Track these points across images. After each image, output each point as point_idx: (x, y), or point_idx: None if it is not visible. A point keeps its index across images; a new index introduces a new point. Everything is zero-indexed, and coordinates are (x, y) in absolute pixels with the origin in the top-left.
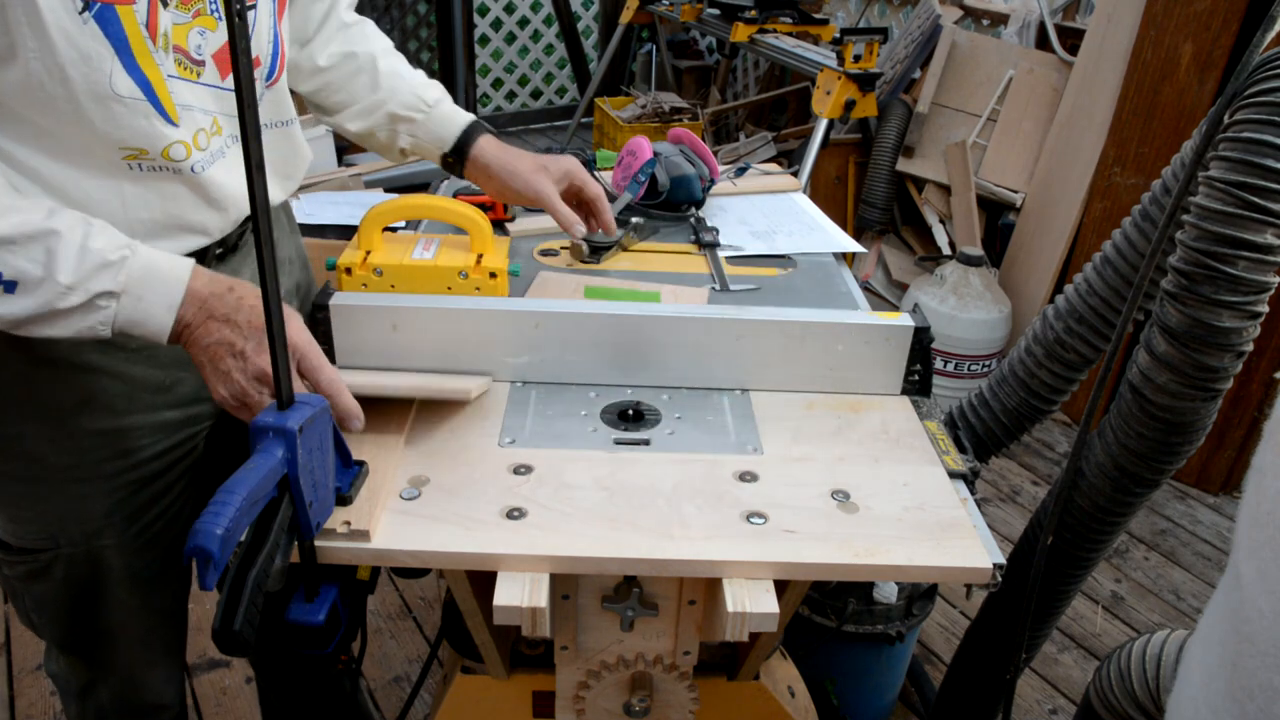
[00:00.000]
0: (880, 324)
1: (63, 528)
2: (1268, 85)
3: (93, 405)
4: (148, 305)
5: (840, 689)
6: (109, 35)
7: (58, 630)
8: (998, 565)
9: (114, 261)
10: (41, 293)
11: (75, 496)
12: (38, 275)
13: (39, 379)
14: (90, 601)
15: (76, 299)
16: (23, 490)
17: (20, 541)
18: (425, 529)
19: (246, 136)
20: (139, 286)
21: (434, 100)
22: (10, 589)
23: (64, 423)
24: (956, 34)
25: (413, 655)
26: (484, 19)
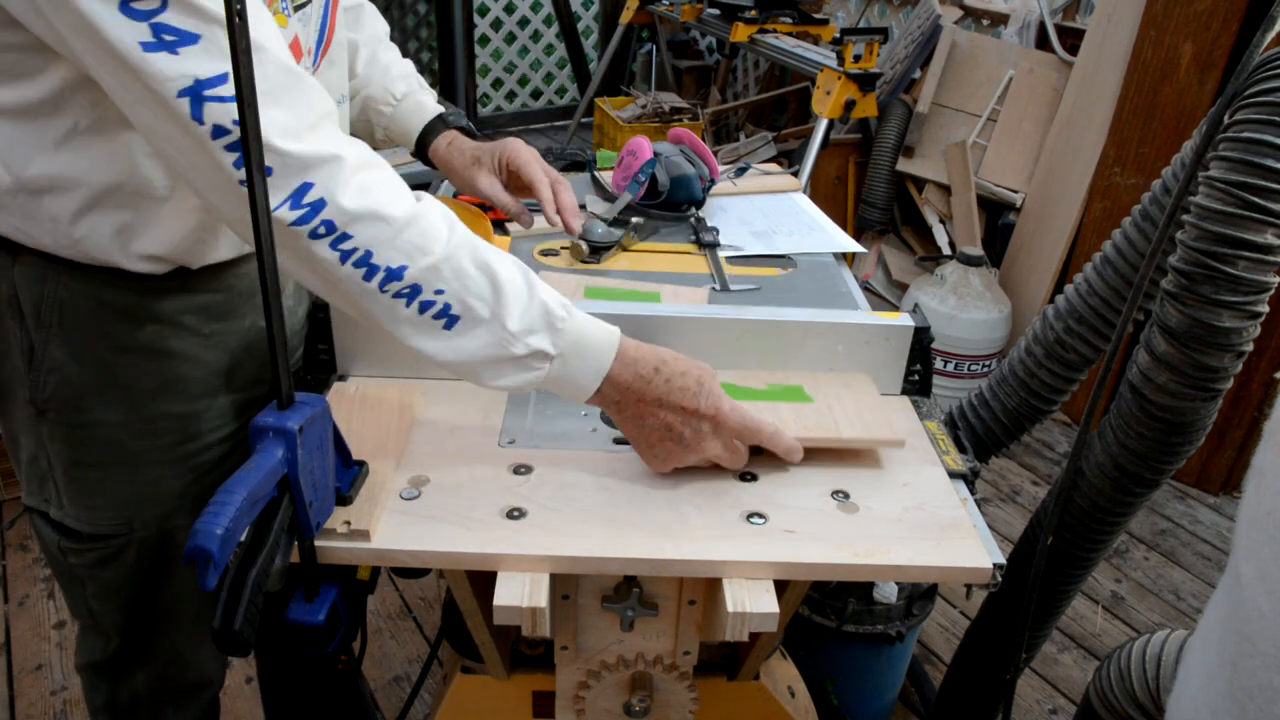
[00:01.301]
0: (880, 324)
1: (138, 511)
2: (1268, 85)
3: (169, 390)
4: (572, 375)
5: (840, 689)
6: None
7: (120, 616)
8: (998, 565)
9: (557, 319)
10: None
11: (151, 480)
12: (483, 315)
13: (120, 365)
14: (156, 583)
15: (520, 350)
16: (100, 476)
17: (94, 528)
18: (425, 529)
19: (247, 136)
20: (572, 353)
21: (401, 94)
22: (72, 579)
23: (142, 408)
24: (956, 34)
25: (413, 655)
26: (484, 19)
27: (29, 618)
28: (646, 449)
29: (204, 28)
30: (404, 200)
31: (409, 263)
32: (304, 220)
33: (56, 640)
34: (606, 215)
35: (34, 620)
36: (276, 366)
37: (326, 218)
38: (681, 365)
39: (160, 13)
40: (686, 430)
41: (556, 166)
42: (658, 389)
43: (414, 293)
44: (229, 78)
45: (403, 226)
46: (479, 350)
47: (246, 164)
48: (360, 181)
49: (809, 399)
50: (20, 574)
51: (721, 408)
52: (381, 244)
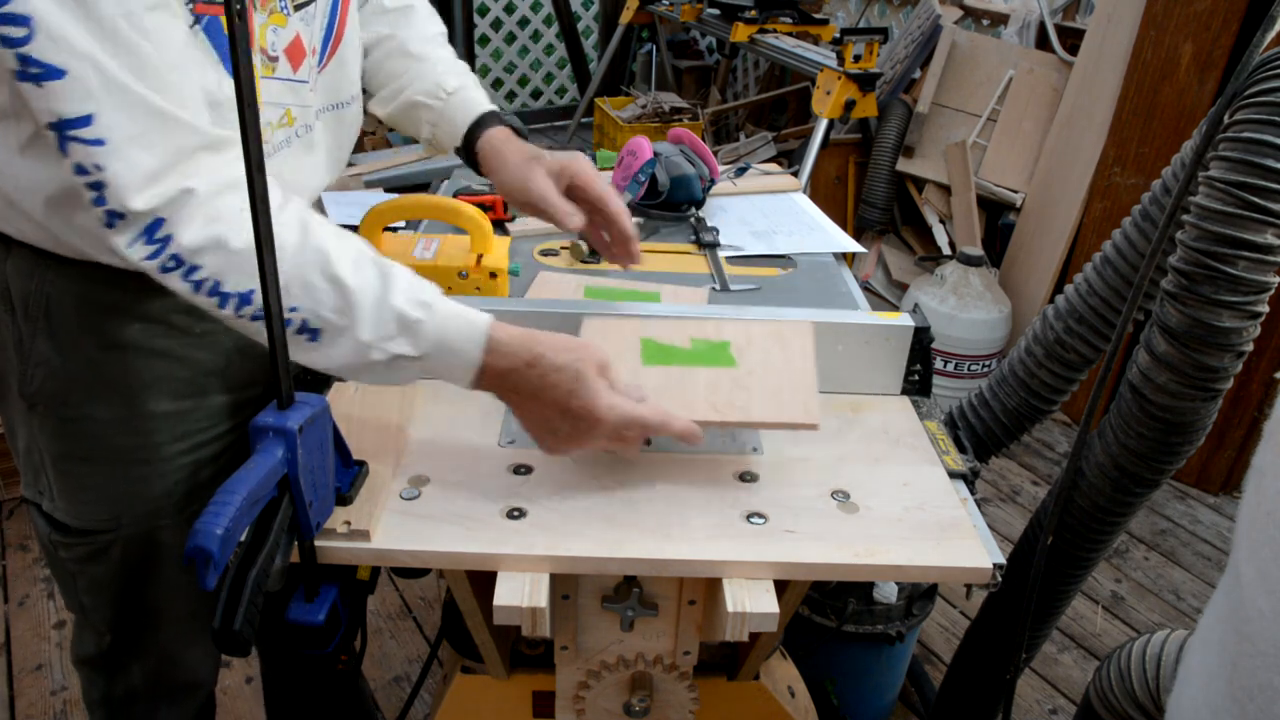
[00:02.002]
0: (880, 324)
1: (125, 508)
2: (1268, 85)
3: (158, 388)
4: (446, 370)
5: (840, 689)
6: (215, 45)
7: (109, 611)
8: (998, 565)
9: (413, 321)
10: (346, 344)
11: (138, 478)
12: (340, 325)
13: (108, 363)
14: (143, 581)
15: (378, 356)
16: (87, 471)
17: (81, 523)
18: (425, 529)
19: (247, 137)
20: (436, 352)
21: (454, 88)
22: (63, 572)
23: (130, 405)
24: (956, 34)
25: (413, 655)
26: (484, 19)
27: (29, 618)
28: (532, 434)
29: (71, 63)
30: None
31: (256, 287)
32: (154, 256)
33: (56, 640)
34: None
35: (34, 620)
36: (276, 366)
37: (173, 252)
38: (560, 359)
39: (26, 43)
40: (564, 426)
41: None
42: (532, 384)
43: None
44: (94, 120)
45: (247, 252)
46: (345, 359)
47: (247, 163)
48: (209, 211)
49: (732, 362)
50: (20, 574)
51: (596, 408)
52: (228, 271)
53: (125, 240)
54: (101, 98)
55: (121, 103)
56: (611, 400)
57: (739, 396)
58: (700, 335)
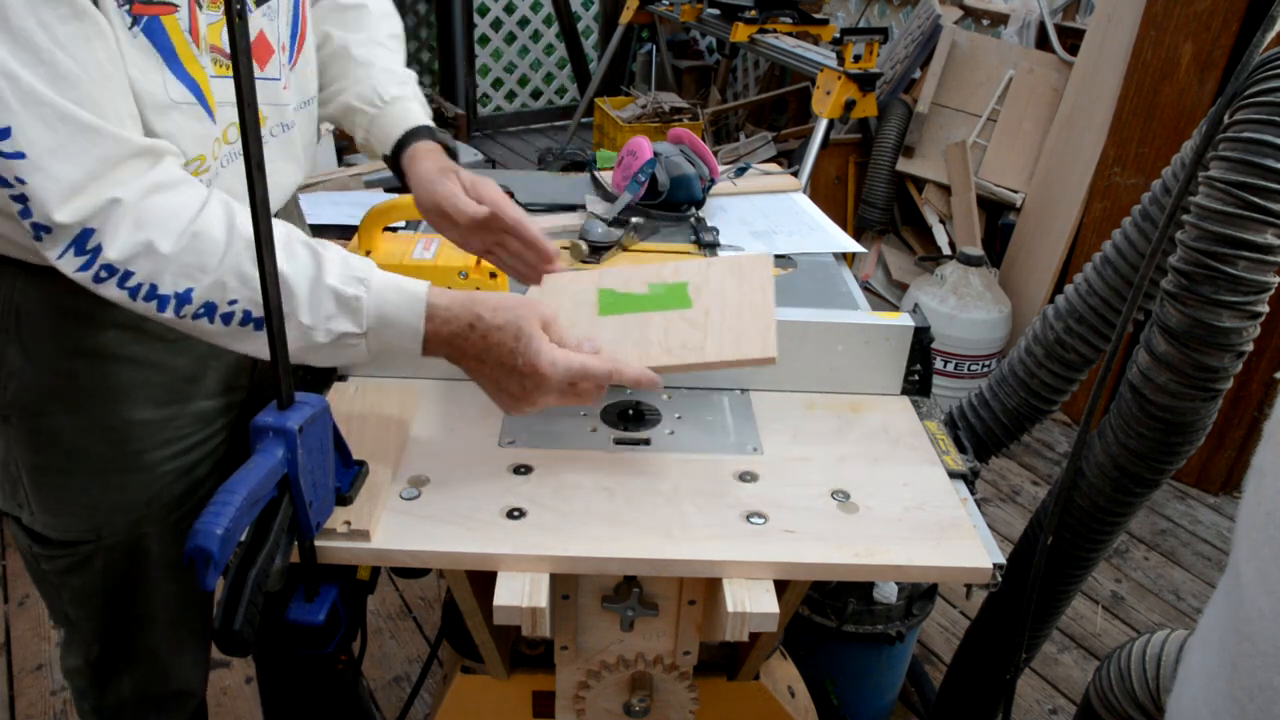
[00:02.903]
0: (880, 324)
1: (106, 518)
2: (1268, 85)
3: (133, 396)
4: (393, 343)
5: (840, 689)
6: (157, 46)
7: (96, 623)
8: (998, 565)
9: (351, 298)
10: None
11: (117, 487)
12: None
13: (82, 371)
14: (128, 590)
15: (322, 338)
16: (64, 483)
17: (61, 535)
18: (425, 529)
19: (246, 137)
20: (380, 326)
21: (390, 97)
22: (46, 585)
23: (105, 414)
24: (956, 34)
25: (413, 655)
26: (484, 19)
27: (29, 618)
28: (490, 396)
29: None
30: (178, 222)
31: (193, 284)
32: (86, 267)
33: (56, 640)
34: (606, 215)
35: (34, 620)
36: (276, 366)
37: (105, 262)
38: (500, 317)
39: None
40: (512, 384)
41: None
42: (476, 345)
43: (210, 309)
44: (12, 133)
45: (177, 254)
46: (292, 343)
47: (247, 163)
48: (136, 217)
49: (688, 303)
50: (20, 574)
51: (539, 364)
52: (161, 274)
53: (55, 252)
54: (18, 110)
55: (39, 115)
56: (554, 355)
57: (693, 337)
58: (658, 279)
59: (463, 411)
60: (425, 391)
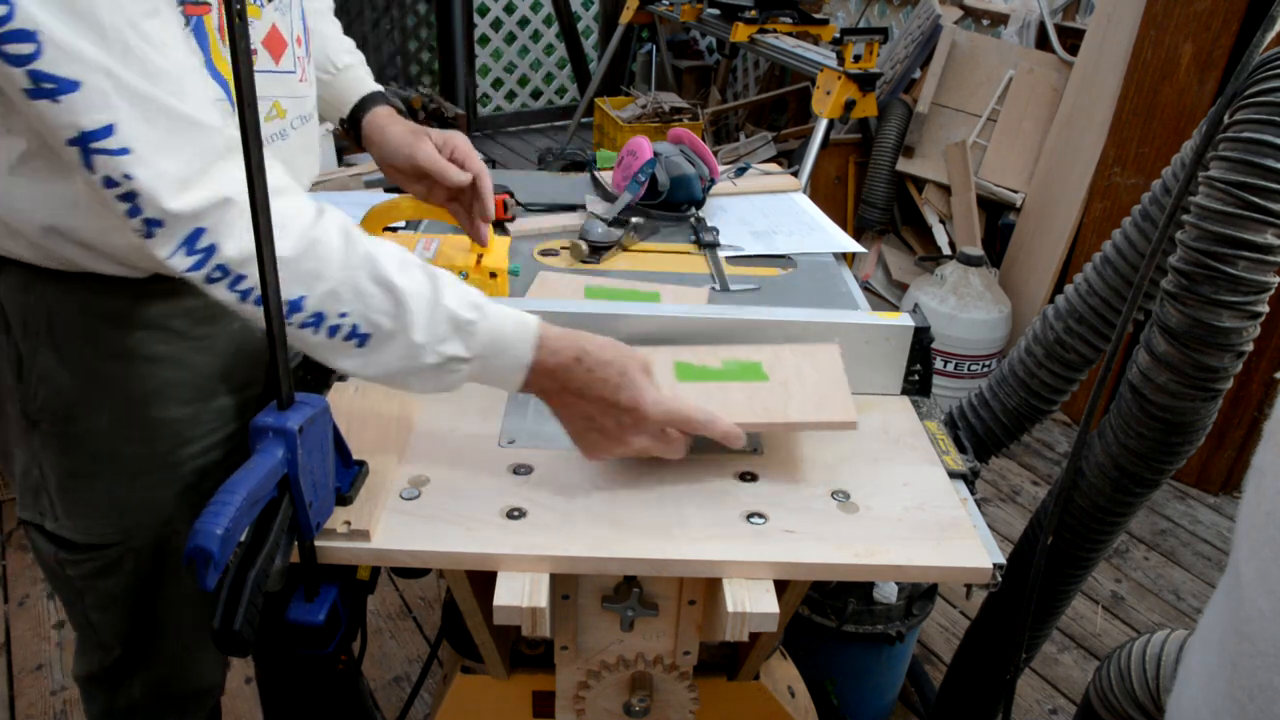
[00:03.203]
0: (880, 324)
1: (135, 519)
2: (1268, 85)
3: (161, 395)
4: (495, 372)
5: (840, 689)
6: (201, 45)
7: (120, 625)
8: (998, 565)
9: (466, 322)
10: (397, 348)
11: (146, 487)
12: (390, 329)
13: (110, 373)
14: (155, 590)
15: (430, 359)
16: (93, 485)
17: (89, 538)
18: (425, 529)
19: (246, 136)
20: (488, 353)
21: (344, 65)
22: (70, 590)
23: (134, 414)
24: (956, 34)
25: (413, 655)
26: (484, 19)
27: (29, 618)
28: (575, 437)
29: (85, 74)
30: (296, 228)
31: (307, 292)
32: (198, 267)
33: (56, 640)
34: (606, 215)
35: (34, 620)
36: (276, 366)
37: (218, 263)
38: (606, 354)
39: (35, 59)
40: (609, 422)
41: (556, 166)
42: (579, 379)
43: (319, 320)
44: (115, 130)
45: (295, 259)
46: (394, 363)
47: (247, 163)
48: (250, 220)
49: (764, 378)
50: (20, 574)
51: (643, 401)
52: None
53: (167, 250)
54: (120, 106)
55: (141, 110)
56: (657, 395)
57: (775, 403)
58: (731, 357)
59: (463, 411)
60: None
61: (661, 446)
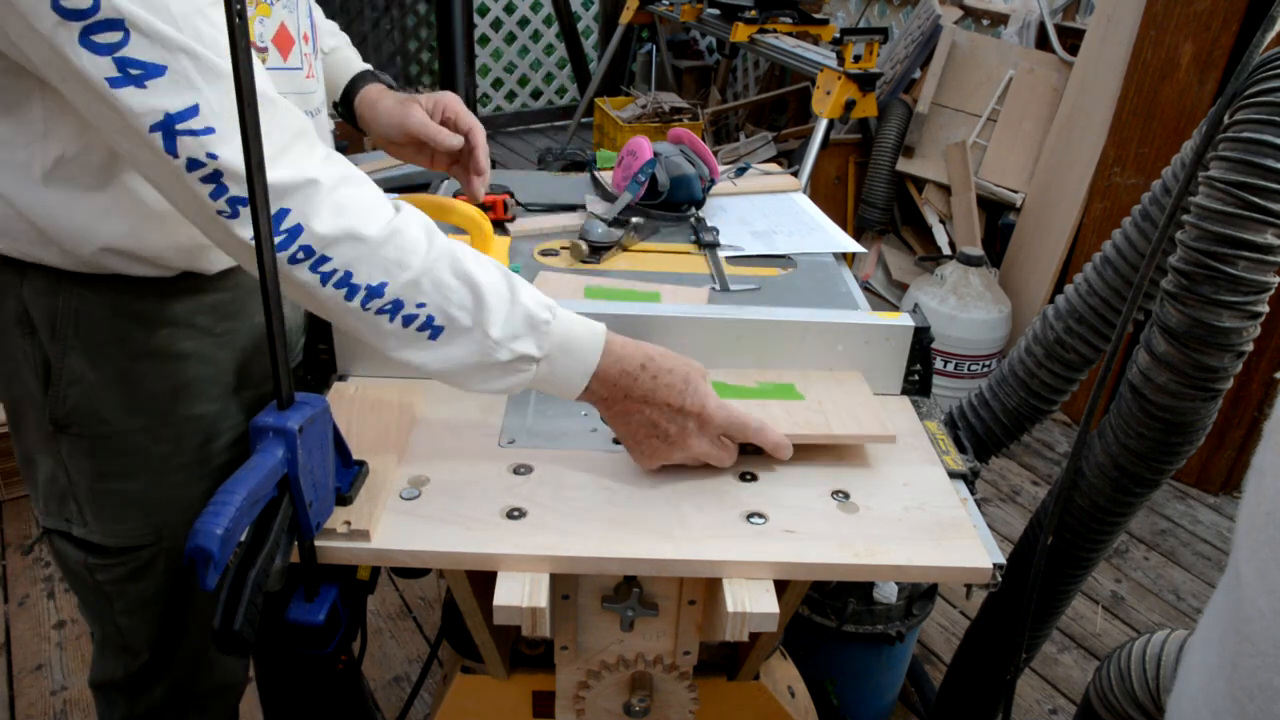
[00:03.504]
0: (880, 324)
1: (165, 519)
2: (1268, 85)
3: (187, 392)
4: (561, 374)
5: (840, 689)
6: None
7: (149, 629)
8: (998, 565)
9: (541, 322)
10: (471, 343)
11: (176, 485)
12: (466, 324)
13: (139, 372)
14: (186, 592)
15: (504, 355)
16: (127, 488)
17: (121, 541)
18: (425, 529)
19: (247, 136)
20: (558, 354)
21: (330, 48)
22: (98, 597)
23: (163, 412)
24: (956, 34)
25: (413, 655)
26: (484, 19)
27: (29, 618)
28: (634, 445)
29: (169, 58)
30: (381, 215)
31: (389, 279)
32: (282, 247)
33: (56, 640)
34: (606, 215)
35: (34, 620)
36: (276, 366)
37: (304, 243)
38: (669, 362)
39: (123, 46)
40: (672, 428)
41: (556, 166)
42: (644, 385)
43: (396, 308)
44: (200, 110)
45: (380, 244)
46: (465, 358)
47: (246, 163)
48: (336, 201)
49: (800, 396)
50: (20, 574)
51: (707, 405)
52: (360, 263)
53: (250, 229)
54: (202, 87)
55: (222, 88)
56: (720, 401)
57: (815, 418)
58: (763, 379)
59: (463, 411)
60: (425, 391)
61: (718, 453)
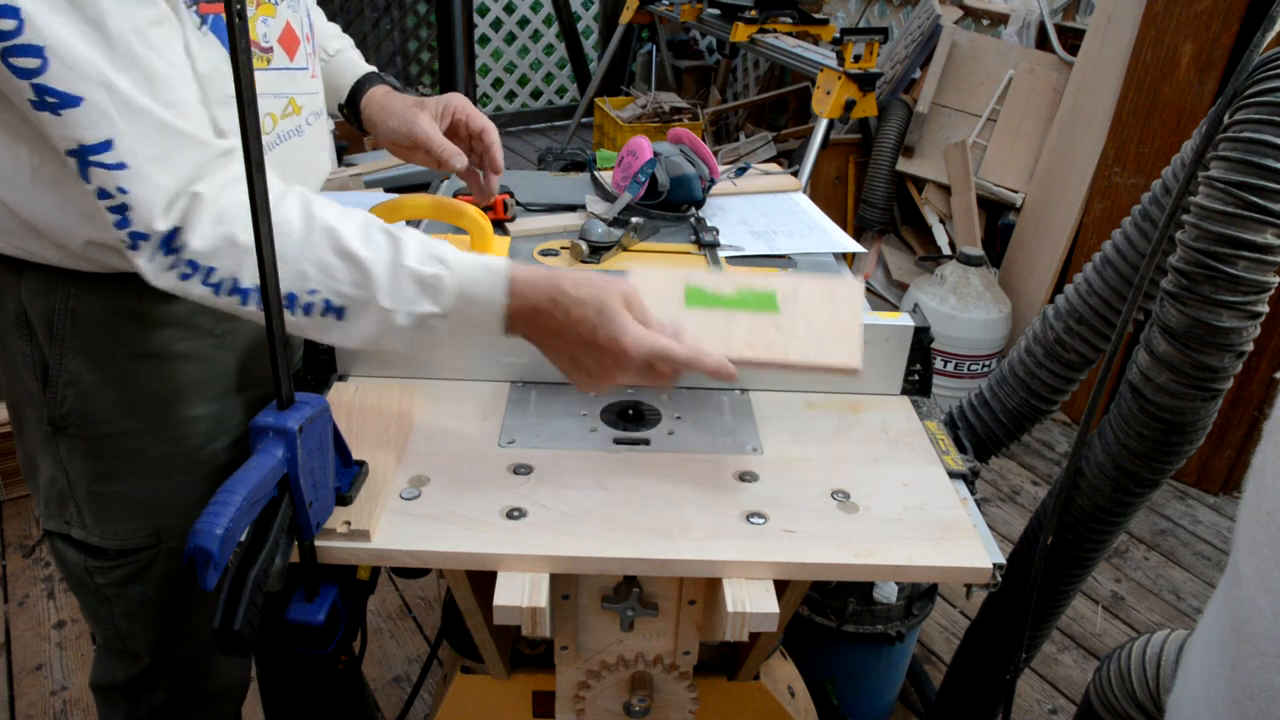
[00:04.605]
0: (880, 324)
1: (165, 521)
2: (1268, 85)
3: (186, 393)
4: (475, 322)
5: (840, 689)
6: (224, 42)
7: (150, 632)
8: (998, 565)
9: (431, 278)
10: (371, 316)
11: (176, 486)
12: (362, 299)
13: (138, 372)
14: (186, 594)
15: (403, 320)
16: (125, 489)
17: (120, 543)
18: (425, 529)
19: (246, 136)
20: (462, 304)
21: (335, 50)
22: (99, 599)
23: (163, 414)
24: (956, 34)
25: (413, 655)
26: (484, 19)
27: (29, 618)
28: (565, 373)
29: (87, 89)
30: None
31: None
32: (172, 267)
33: (56, 640)
34: (606, 215)
35: (34, 620)
36: (276, 366)
37: (189, 257)
38: (582, 293)
39: (40, 73)
40: (590, 361)
41: (556, 166)
42: (557, 320)
43: (292, 301)
44: (114, 145)
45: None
46: (373, 329)
47: (247, 163)
48: (216, 212)
49: (775, 309)
50: (20, 574)
51: (623, 340)
52: (243, 267)
53: (145, 257)
54: (118, 121)
55: (139, 124)
56: (638, 333)
57: (778, 339)
58: (747, 286)
59: (463, 411)
60: (425, 391)
61: (651, 379)
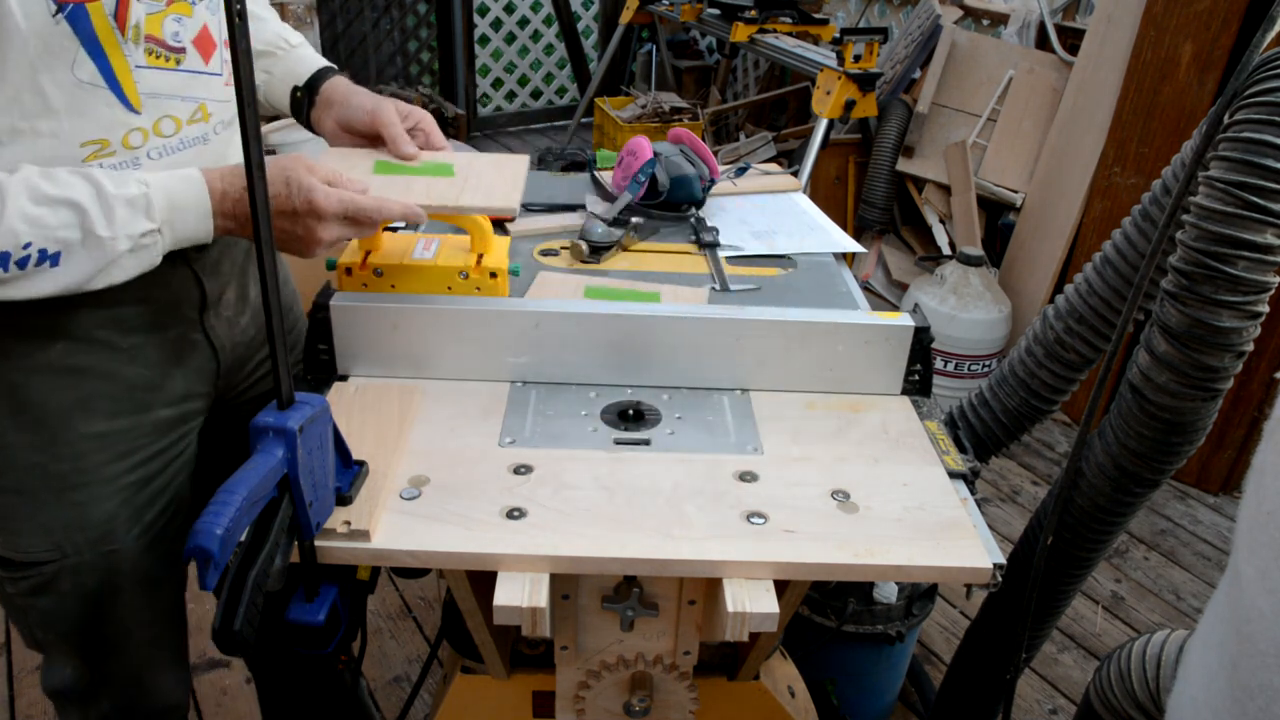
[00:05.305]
0: (880, 324)
1: (67, 536)
2: (1268, 85)
3: (87, 409)
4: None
5: (840, 689)
6: (78, 32)
7: (68, 645)
8: (998, 565)
9: (139, 197)
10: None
11: (76, 503)
12: (77, 238)
13: (30, 387)
14: (100, 609)
15: (125, 245)
16: (19, 502)
17: (23, 555)
18: (425, 529)
19: (247, 136)
20: (173, 214)
21: (297, 42)
22: (13, 608)
23: (59, 429)
24: (956, 34)
25: (413, 655)
26: (484, 19)
27: None
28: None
29: None
30: None
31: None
32: None
33: None
34: (606, 215)
35: None
36: (276, 366)
37: None
38: (270, 173)
39: None
40: (298, 229)
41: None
42: None
43: (4, 259)
44: None
45: None
46: (92, 265)
47: (246, 163)
48: None
49: (450, 174)
50: None
51: (314, 198)
52: None
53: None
54: None
55: None
56: (327, 190)
57: (451, 192)
58: (429, 159)
59: (463, 411)
60: (425, 391)
61: (354, 230)
